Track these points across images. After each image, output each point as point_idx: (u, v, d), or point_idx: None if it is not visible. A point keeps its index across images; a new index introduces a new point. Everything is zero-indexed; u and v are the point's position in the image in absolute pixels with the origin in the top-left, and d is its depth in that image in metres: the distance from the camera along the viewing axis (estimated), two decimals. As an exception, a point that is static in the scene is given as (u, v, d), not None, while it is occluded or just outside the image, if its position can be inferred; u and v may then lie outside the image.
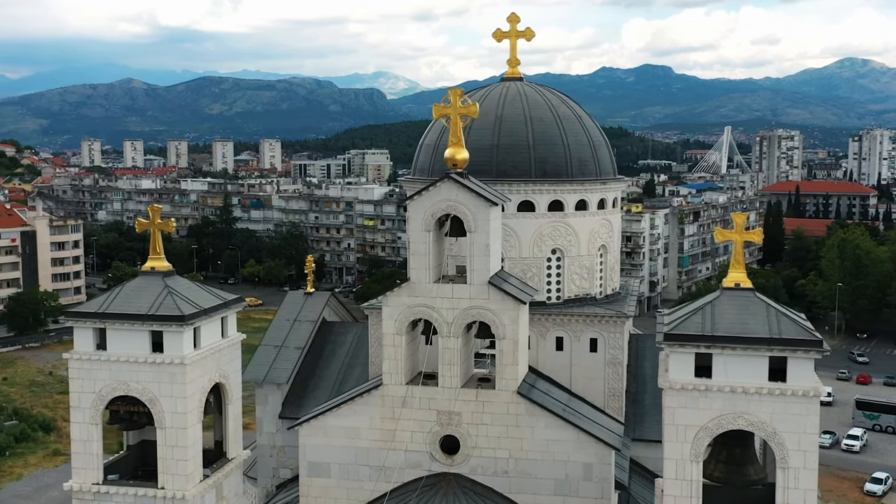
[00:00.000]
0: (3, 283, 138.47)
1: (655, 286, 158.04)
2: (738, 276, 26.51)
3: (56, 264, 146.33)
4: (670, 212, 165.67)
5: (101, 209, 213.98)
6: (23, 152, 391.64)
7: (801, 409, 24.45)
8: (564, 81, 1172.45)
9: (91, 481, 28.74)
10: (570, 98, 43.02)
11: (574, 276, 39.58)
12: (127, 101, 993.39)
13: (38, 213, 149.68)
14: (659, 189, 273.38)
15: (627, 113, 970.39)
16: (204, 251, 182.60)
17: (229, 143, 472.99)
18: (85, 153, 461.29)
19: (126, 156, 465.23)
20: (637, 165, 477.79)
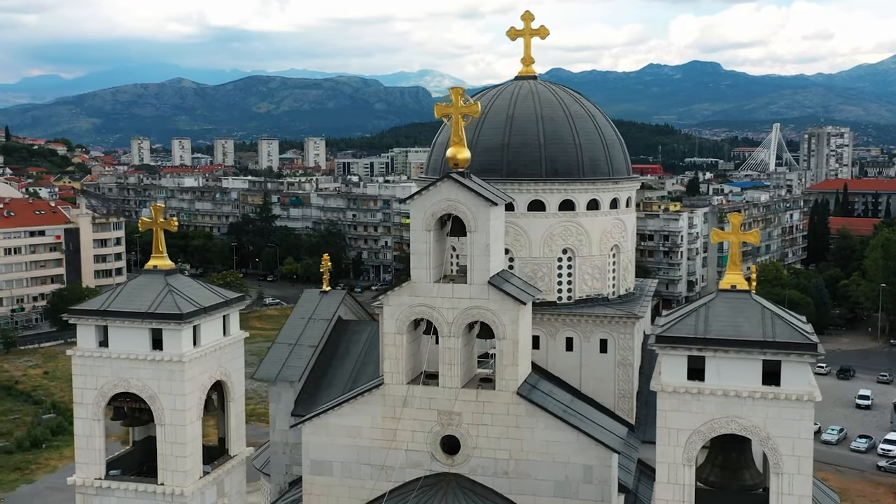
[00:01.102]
0: (47, 279, 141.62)
1: (694, 286, 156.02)
2: (735, 277, 26.12)
3: (98, 261, 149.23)
4: (710, 210, 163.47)
5: (144, 207, 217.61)
6: (73, 151, 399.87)
7: (795, 414, 24.00)
8: (611, 79, 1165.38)
9: (93, 476, 29.23)
10: (583, 96, 42.66)
11: (585, 277, 39.26)
12: (177, 101, 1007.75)
13: (82, 211, 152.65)
14: (703, 187, 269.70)
15: (675, 110, 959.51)
16: (244, 248, 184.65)
17: (274, 142, 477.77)
18: (135, 152, 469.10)
19: (174, 154, 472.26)
20: (683, 163, 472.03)
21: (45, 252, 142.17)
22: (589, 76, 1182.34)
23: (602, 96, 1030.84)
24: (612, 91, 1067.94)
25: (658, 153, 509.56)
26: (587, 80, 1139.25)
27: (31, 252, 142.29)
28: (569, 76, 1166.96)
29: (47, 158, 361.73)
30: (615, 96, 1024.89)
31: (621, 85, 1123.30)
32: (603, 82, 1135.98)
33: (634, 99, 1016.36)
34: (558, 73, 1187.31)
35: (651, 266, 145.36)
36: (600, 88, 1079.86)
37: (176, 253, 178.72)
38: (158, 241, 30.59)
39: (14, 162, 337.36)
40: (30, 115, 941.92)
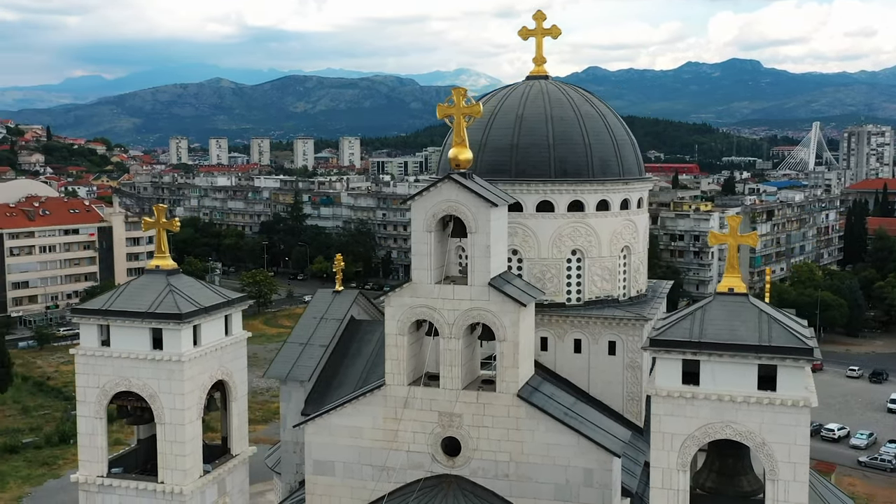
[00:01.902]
0: (81, 277, 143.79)
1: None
2: (733, 280, 25.76)
3: (131, 259, 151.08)
4: (742, 210, 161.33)
5: (178, 205, 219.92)
6: (113, 150, 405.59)
7: (790, 420, 23.59)
8: (648, 77, 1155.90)
9: (96, 473, 29.54)
10: (595, 96, 42.35)
11: (595, 278, 38.98)
12: (215, 100, 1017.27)
13: (115, 210, 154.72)
14: (740, 187, 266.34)
15: (713, 109, 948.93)
16: (275, 247, 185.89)
17: (310, 141, 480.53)
18: (173, 151, 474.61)
19: (211, 153, 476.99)
20: (720, 162, 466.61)
21: (79, 250, 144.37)
22: (626, 75, 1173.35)
23: (639, 95, 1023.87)
24: (650, 90, 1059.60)
25: (695, 152, 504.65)
26: (624, 79, 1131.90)
27: (65, 250, 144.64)
28: (605, 75, 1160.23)
29: (87, 157, 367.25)
30: (652, 95, 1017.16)
31: (658, 83, 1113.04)
32: (640, 81, 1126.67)
33: (672, 97, 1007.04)
34: (594, 71, 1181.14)
35: (681, 266, 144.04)
36: (637, 87, 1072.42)
37: (208, 251, 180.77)
38: (161, 242, 30.90)
39: (55, 161, 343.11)
40: (72, 114, 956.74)
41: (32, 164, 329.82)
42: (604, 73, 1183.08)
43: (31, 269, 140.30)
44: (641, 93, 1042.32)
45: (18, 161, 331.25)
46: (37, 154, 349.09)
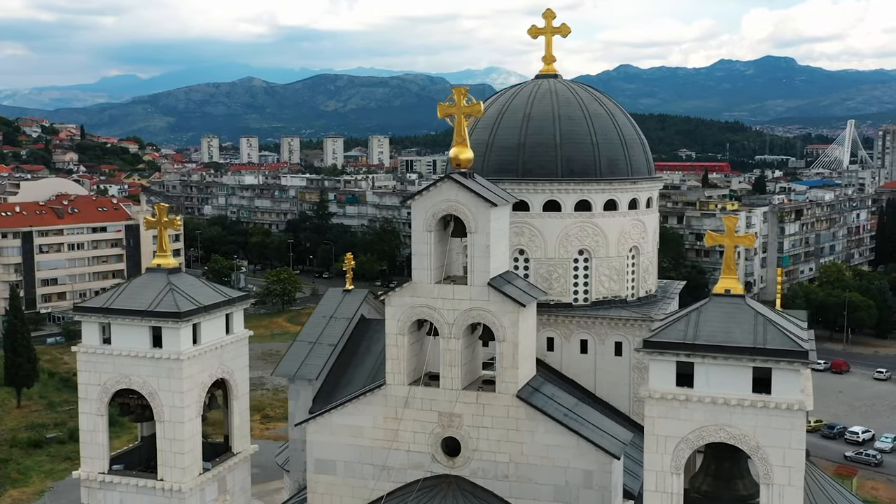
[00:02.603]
0: (108, 274, 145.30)
1: (752, 287, 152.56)
2: (729, 282, 25.46)
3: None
4: (769, 210, 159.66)
5: (206, 204, 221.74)
6: (144, 149, 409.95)
7: (785, 423, 23.26)
8: (680, 75, 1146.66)
9: (97, 470, 29.82)
10: (605, 95, 42.12)
11: (602, 278, 38.71)
12: (247, 99, 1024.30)
13: (142, 208, 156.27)
14: (771, 186, 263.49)
15: (747, 107, 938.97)
16: (300, 245, 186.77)
17: (339, 140, 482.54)
18: (204, 149, 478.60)
19: (242, 152, 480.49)
20: (752, 161, 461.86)
21: (107, 248, 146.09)
22: (658, 72, 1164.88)
23: (671, 93, 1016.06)
24: (682, 87, 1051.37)
25: (726, 151, 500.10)
26: (656, 77, 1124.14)
27: (93, 248, 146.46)
28: (637, 72, 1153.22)
29: (119, 156, 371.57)
30: (684, 92, 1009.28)
31: (691, 81, 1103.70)
32: (672, 78, 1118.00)
33: (704, 95, 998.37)
34: (626, 69, 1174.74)
35: (706, 266, 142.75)
36: (669, 84, 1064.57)
37: (235, 249, 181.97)
38: (163, 240, 31.09)
39: (88, 160, 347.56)
40: (107, 113, 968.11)
41: (66, 163, 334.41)
42: (636, 70, 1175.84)
43: (60, 266, 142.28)
44: (673, 91, 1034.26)
45: (53, 160, 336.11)
46: (70, 153, 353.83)
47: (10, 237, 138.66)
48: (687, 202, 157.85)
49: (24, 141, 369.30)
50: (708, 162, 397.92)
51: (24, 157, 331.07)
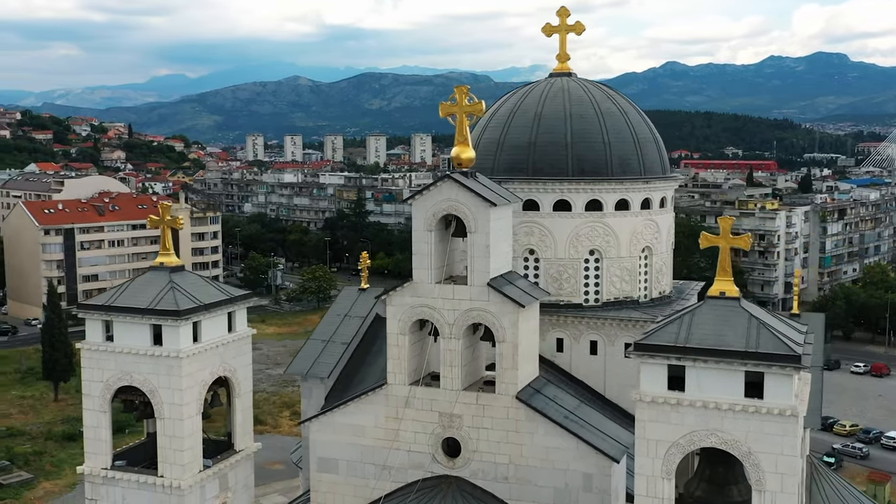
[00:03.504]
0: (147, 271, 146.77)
1: (792, 287, 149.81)
2: (724, 284, 24.93)
3: (196, 254, 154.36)
4: (811, 209, 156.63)
5: (247, 201, 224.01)
6: (190, 147, 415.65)
7: (777, 429, 22.77)
8: (728, 72, 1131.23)
9: (100, 466, 30.22)
10: (619, 94, 41.57)
11: (614, 279, 38.26)
12: (293, 98, 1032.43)
13: (181, 205, 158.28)
14: (818, 185, 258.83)
15: (796, 104, 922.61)
16: (338, 243, 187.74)
17: (382, 138, 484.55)
18: (249, 148, 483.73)
19: (286, 150, 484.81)
20: (801, 159, 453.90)
21: (146, 245, 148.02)
22: (705, 69, 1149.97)
23: (718, 90, 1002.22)
24: (730, 84, 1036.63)
25: (774, 149, 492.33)
26: (703, 74, 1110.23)
27: (132, 244, 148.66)
28: (684, 69, 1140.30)
29: (165, 154, 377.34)
30: (732, 90, 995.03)
31: (739, 78, 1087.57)
32: (720, 75, 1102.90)
33: (753, 92, 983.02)
34: (673, 66, 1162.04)
35: (745, 267, 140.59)
36: (717, 82, 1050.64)
37: (273, 247, 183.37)
38: (166, 239, 31.38)
39: (135, 158, 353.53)
40: (156, 112, 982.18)
41: (114, 161, 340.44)
42: (682, 67, 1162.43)
43: (101, 262, 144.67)
44: (721, 88, 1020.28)
45: (101, 158, 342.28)
46: (118, 151, 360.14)
47: (52, 234, 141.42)
48: (725, 201, 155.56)
49: (73, 139, 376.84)
50: (754, 160, 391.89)
51: (73, 155, 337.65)
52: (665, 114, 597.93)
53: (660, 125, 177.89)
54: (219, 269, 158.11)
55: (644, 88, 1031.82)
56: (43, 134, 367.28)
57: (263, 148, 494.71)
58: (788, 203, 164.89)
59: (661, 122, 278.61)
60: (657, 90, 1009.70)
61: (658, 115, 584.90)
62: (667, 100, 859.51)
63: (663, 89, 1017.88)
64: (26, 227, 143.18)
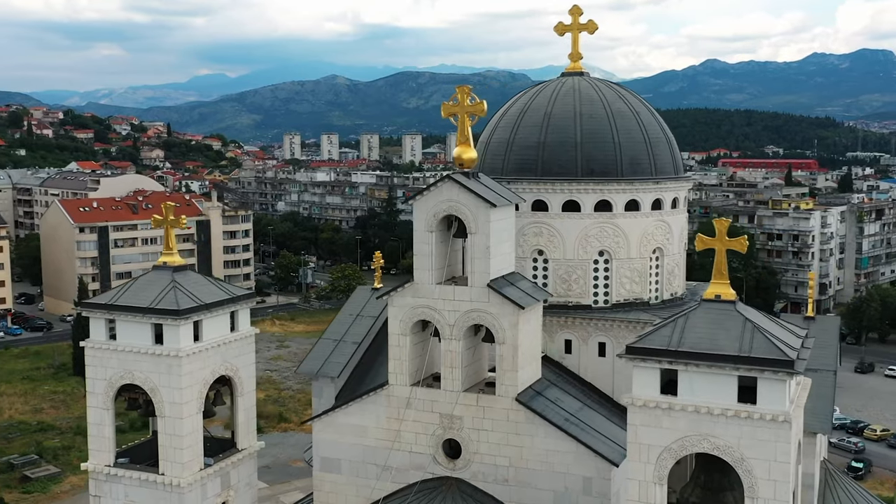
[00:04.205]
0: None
1: (826, 289, 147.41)
2: (720, 287, 24.53)
3: (227, 252, 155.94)
4: (847, 209, 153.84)
5: (280, 200, 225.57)
6: (228, 146, 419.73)
7: (770, 435, 22.36)
8: (770, 69, 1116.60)
9: (104, 463, 30.55)
10: (632, 93, 41.08)
11: (623, 280, 37.84)
12: (331, 97, 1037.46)
13: (213, 204, 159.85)
14: (858, 184, 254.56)
15: (840, 101, 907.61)
16: (369, 242, 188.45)
17: (418, 137, 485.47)
18: (287, 146, 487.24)
19: (323, 149, 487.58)
20: (843, 158, 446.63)
21: (179, 243, 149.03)
22: (746, 67, 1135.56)
23: (759, 88, 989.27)
24: (771, 82, 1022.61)
25: (815, 147, 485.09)
26: (744, 71, 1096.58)
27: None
28: (724, 67, 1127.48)
29: (203, 153, 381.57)
30: (774, 87, 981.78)
31: (781, 76, 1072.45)
32: (761, 73, 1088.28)
33: (795, 90, 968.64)
34: (713, 64, 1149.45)
35: (778, 267, 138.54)
36: (758, 79, 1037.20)
37: (305, 245, 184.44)
38: (169, 239, 31.60)
39: (173, 156, 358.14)
40: (197, 112, 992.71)
41: (153, 160, 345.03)
42: (722, 65, 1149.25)
43: (134, 260, 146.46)
44: (762, 85, 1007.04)
45: (140, 156, 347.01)
46: (157, 150, 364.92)
47: (87, 231, 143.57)
48: (759, 201, 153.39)
49: (114, 138, 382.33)
50: (795, 159, 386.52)
51: (113, 154, 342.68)
52: (704, 112, 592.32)
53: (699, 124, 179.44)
54: (250, 267, 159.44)
55: (683, 86, 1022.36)
56: (84, 133, 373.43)
57: (300, 147, 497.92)
58: (824, 203, 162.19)
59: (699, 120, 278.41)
60: (697, 88, 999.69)
61: (697, 113, 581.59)
62: (706, 98, 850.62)
63: (703, 87, 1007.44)
64: (62, 224, 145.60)
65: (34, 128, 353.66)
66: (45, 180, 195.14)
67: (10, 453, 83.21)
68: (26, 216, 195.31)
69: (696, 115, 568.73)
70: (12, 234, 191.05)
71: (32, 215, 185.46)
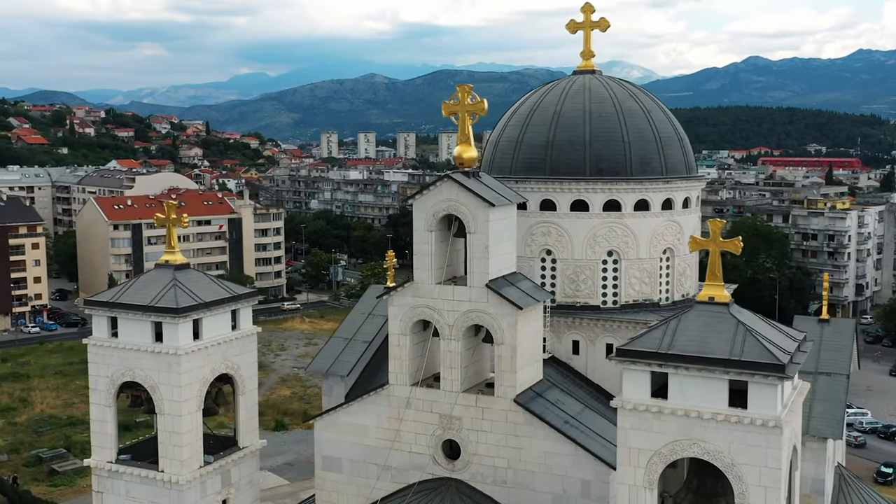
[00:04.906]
0: (212, 266, 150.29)
1: (863, 290, 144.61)
2: (713, 289, 24.09)
3: (259, 249, 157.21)
4: (886, 209, 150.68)
5: (313, 198, 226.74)
6: (265, 144, 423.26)
7: (761, 441, 21.92)
8: (813, 66, 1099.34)
9: (106, 459, 30.83)
10: (645, 92, 40.63)
11: (633, 281, 37.40)
12: (369, 95, 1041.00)
13: (245, 202, 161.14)
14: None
15: (887, 99, 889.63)
16: (401, 240, 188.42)
17: (454, 135, 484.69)
18: (324, 145, 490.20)
19: (360, 147, 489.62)
20: (888, 157, 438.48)
21: (211, 240, 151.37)
22: (789, 64, 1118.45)
23: (802, 85, 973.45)
24: (815, 79, 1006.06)
25: (859, 146, 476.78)
26: (787, 68, 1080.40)
27: (198, 240, 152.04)
28: (766, 64, 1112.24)
29: (241, 151, 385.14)
30: (818, 85, 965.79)
31: (825, 73, 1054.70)
32: (804, 70, 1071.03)
33: (840, 87, 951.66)
34: (755, 61, 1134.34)
35: (813, 268, 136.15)
36: (801, 76, 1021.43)
37: (338, 244, 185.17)
38: (171, 237, 31.79)
39: (212, 155, 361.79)
40: (237, 110, 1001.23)
41: (191, 158, 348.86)
42: (765, 62, 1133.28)
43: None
44: (806, 83, 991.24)
45: (179, 154, 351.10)
46: (196, 148, 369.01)
47: (121, 229, 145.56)
48: (794, 200, 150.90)
49: (153, 137, 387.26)
50: (838, 157, 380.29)
51: (153, 152, 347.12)
52: (745, 110, 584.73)
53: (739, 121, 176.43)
54: (281, 265, 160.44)
55: (724, 84, 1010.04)
56: (125, 132, 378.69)
57: (338, 145, 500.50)
58: (862, 202, 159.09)
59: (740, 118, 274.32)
60: (738, 85, 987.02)
61: (738, 111, 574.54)
62: (748, 95, 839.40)
63: (745, 84, 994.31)
64: (97, 221, 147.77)
65: (76, 126, 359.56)
66: (82, 178, 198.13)
67: (39, 447, 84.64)
68: (64, 213, 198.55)
69: (737, 112, 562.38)
70: (51, 230, 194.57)
71: (70, 212, 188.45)
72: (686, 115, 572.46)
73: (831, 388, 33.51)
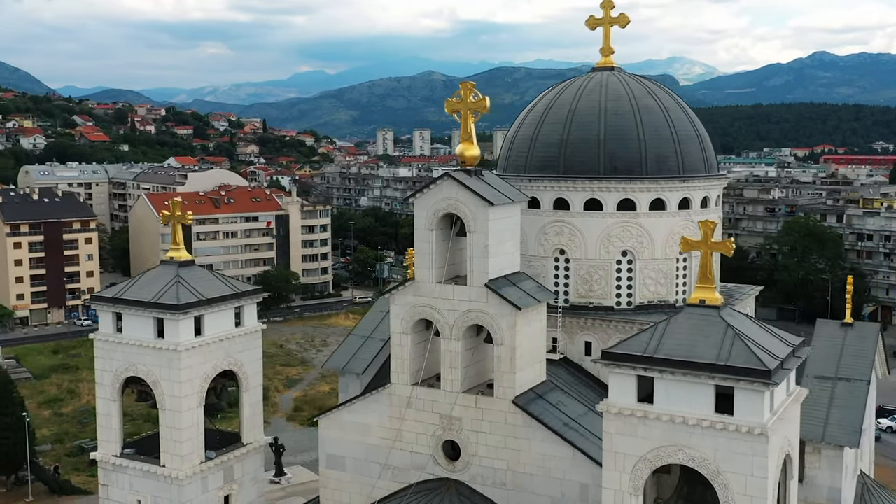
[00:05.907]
0: (259, 262, 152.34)
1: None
2: (705, 292, 23.46)
3: (306, 246, 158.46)
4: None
5: (363, 195, 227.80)
6: (320, 142, 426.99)
7: (747, 448, 21.29)
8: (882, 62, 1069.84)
9: (111, 453, 31.24)
10: (664, 89, 39.83)
11: (648, 281, 36.70)
12: (426, 93, 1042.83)
13: (293, 199, 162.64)
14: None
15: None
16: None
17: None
18: (379, 142, 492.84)
19: (415, 144, 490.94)
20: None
21: (258, 236, 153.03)
22: (857, 59, 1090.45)
23: (871, 81, 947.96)
24: (884, 75, 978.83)
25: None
26: (854, 64, 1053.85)
27: (245, 236, 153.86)
28: (833, 60, 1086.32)
29: (296, 149, 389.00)
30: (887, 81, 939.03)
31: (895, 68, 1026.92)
32: (873, 66, 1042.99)
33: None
34: (821, 56, 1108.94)
35: (868, 269, 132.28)
36: (870, 72, 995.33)
37: (386, 240, 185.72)
38: (176, 234, 32.06)
39: (268, 152, 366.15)
40: (297, 108, 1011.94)
41: (248, 155, 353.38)
42: (831, 58, 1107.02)
43: (216, 253, 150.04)
44: (875, 78, 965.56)
45: (236, 152, 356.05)
46: (252, 145, 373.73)
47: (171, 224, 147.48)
48: (849, 199, 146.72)
49: (212, 134, 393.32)
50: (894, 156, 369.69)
51: (210, 149, 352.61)
52: (809, 106, 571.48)
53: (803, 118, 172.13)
54: (328, 262, 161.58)
55: (789, 80, 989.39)
56: (184, 129, 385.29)
57: (393, 142, 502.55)
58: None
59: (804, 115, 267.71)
60: (804, 82, 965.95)
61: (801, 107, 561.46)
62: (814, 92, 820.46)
63: (810, 81, 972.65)
64: (148, 217, 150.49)
65: (137, 124, 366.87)
66: (137, 174, 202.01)
67: (82, 437, 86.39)
68: (120, 209, 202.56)
69: (801, 109, 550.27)
70: (108, 226, 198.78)
71: (126, 208, 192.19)
72: (748, 112, 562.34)
73: (851, 394, 32.42)
